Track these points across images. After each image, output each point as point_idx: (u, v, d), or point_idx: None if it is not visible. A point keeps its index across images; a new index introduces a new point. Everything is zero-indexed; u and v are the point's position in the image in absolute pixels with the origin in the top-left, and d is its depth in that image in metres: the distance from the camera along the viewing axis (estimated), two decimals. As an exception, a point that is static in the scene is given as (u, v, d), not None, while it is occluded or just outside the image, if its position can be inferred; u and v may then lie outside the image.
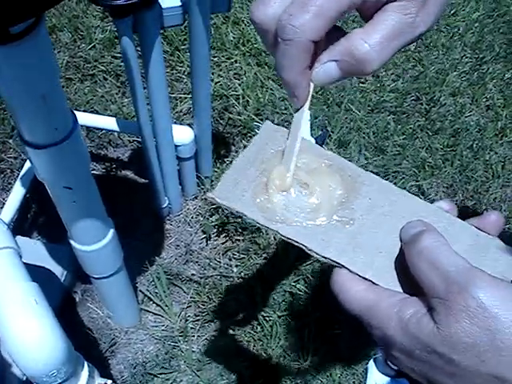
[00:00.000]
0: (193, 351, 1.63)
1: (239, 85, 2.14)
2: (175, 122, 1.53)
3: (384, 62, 0.44)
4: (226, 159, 1.96)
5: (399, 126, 2.14)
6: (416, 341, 0.40)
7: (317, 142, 1.71)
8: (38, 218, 1.83)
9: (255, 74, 2.18)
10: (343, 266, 0.45)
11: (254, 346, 1.65)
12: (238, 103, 2.08)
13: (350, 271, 0.45)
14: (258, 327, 1.67)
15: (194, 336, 1.66)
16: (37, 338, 0.98)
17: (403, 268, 0.43)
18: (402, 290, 0.44)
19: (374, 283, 0.44)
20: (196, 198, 1.88)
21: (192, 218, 1.86)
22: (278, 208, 0.47)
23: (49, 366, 1.01)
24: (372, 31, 0.43)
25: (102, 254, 1.25)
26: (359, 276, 0.44)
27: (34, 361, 0.99)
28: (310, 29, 0.42)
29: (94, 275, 1.35)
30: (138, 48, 1.28)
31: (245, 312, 1.70)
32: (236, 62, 2.21)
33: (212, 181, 1.88)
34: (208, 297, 1.71)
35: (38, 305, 1.01)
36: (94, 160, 1.94)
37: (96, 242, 1.22)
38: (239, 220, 1.77)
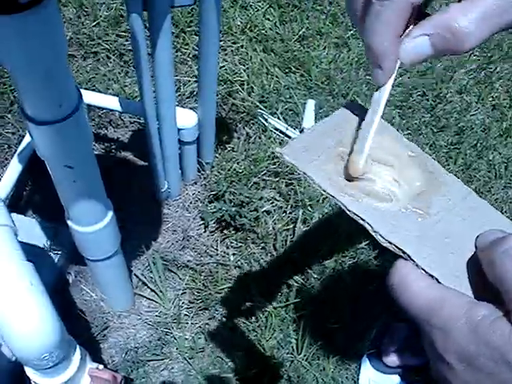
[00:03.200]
0: (186, 338, 1.61)
1: (244, 70, 2.11)
2: (177, 105, 1.49)
3: (482, 41, 0.40)
4: (227, 145, 1.92)
5: (404, 121, 2.11)
6: (485, 346, 0.35)
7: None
8: (34, 195, 1.79)
9: (261, 60, 2.15)
10: (409, 258, 0.41)
11: (248, 336, 1.62)
12: (243, 89, 2.05)
13: (417, 265, 0.41)
14: (253, 317, 1.65)
15: (187, 323, 1.63)
16: (30, 321, 0.96)
17: (475, 273, 0.40)
18: (472, 295, 0.39)
19: (439, 282, 0.40)
20: (195, 183, 1.85)
21: (190, 203, 1.83)
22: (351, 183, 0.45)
23: (41, 349, 0.99)
24: (473, 5, 0.39)
25: (99, 236, 1.22)
26: (424, 271, 0.40)
27: (26, 344, 0.97)
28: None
29: (90, 257, 1.32)
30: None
31: (240, 301, 1.67)
32: (242, 47, 2.18)
33: (213, 167, 1.85)
34: (203, 284, 1.68)
35: (32, 286, 0.98)
36: (94, 140, 1.90)
37: (94, 224, 1.19)
38: (238, 208, 1.75)
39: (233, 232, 1.77)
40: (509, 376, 0.34)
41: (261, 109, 2.00)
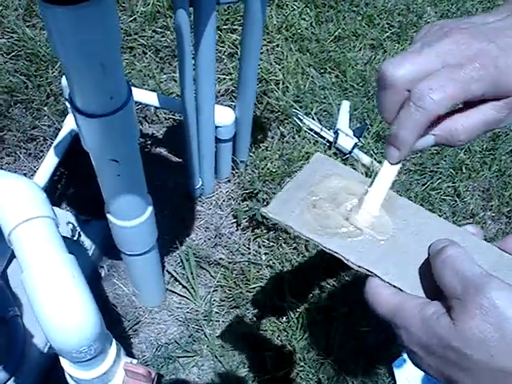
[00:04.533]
0: (216, 336, 1.61)
1: (279, 70, 2.10)
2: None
3: (470, 140, 0.52)
4: (261, 144, 1.92)
5: (439, 125, 2.09)
6: (434, 336, 0.44)
7: (355, 135, 1.67)
8: (69, 189, 1.80)
9: (296, 60, 2.14)
10: (376, 275, 0.51)
11: (279, 336, 1.62)
12: (278, 88, 2.04)
13: (381, 279, 0.51)
14: (284, 317, 1.64)
15: (218, 321, 1.63)
16: (72, 313, 0.95)
17: (427, 277, 0.49)
18: (425, 296, 0.49)
19: (401, 290, 0.50)
20: (229, 181, 1.85)
21: (224, 201, 1.83)
22: (324, 223, 0.55)
23: (81, 341, 0.98)
24: (469, 118, 0.51)
25: (138, 230, 1.22)
26: (389, 284, 0.50)
27: (66, 335, 0.97)
28: (442, 106, 0.49)
29: (127, 251, 1.32)
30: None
31: (271, 301, 1.67)
32: (278, 46, 2.17)
33: (247, 165, 1.85)
34: (235, 282, 1.68)
35: (75, 278, 0.98)
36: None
37: (135, 218, 1.19)
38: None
39: (265, 231, 1.76)
40: (454, 356, 0.43)
41: (295, 109, 1.99)
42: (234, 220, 1.80)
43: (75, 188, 1.79)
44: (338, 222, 0.54)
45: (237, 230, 1.79)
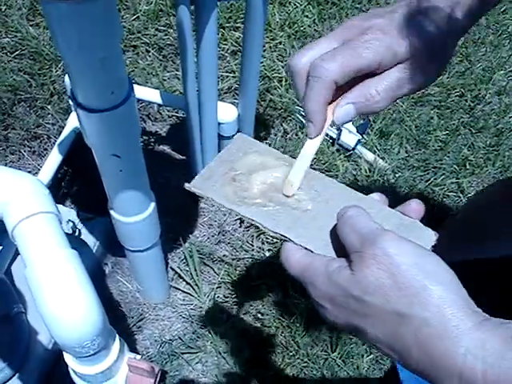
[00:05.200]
0: (220, 333, 1.61)
1: (282, 67, 2.10)
2: (217, 100, 1.50)
3: (389, 104, 0.60)
4: (264, 141, 1.92)
5: (442, 121, 2.09)
6: (338, 287, 0.50)
7: (358, 131, 1.68)
8: (72, 186, 1.81)
9: (299, 57, 2.14)
10: (290, 240, 0.56)
11: (282, 332, 1.62)
12: (281, 85, 2.04)
13: (295, 243, 0.55)
14: (288, 314, 1.64)
15: (222, 317, 1.63)
16: (75, 308, 0.96)
17: (335, 239, 0.54)
18: (335, 256, 0.54)
19: (312, 252, 0.55)
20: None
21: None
22: (242, 195, 0.60)
23: (84, 336, 0.99)
24: (380, 82, 0.59)
25: (141, 226, 1.23)
26: (302, 247, 0.55)
27: (69, 330, 0.97)
28: (334, 72, 0.57)
29: (130, 248, 1.33)
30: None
31: (275, 297, 1.67)
32: (280, 43, 2.17)
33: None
34: (238, 279, 1.68)
35: (78, 273, 0.98)
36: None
37: (137, 214, 1.19)
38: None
39: (268, 228, 1.76)
40: (356, 305, 0.49)
41: (298, 106, 1.99)
42: (238, 217, 1.80)
43: (79, 185, 1.80)
44: (254, 194, 0.59)
45: (240, 227, 1.79)
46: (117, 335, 1.17)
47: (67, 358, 1.11)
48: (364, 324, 0.49)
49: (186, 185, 0.59)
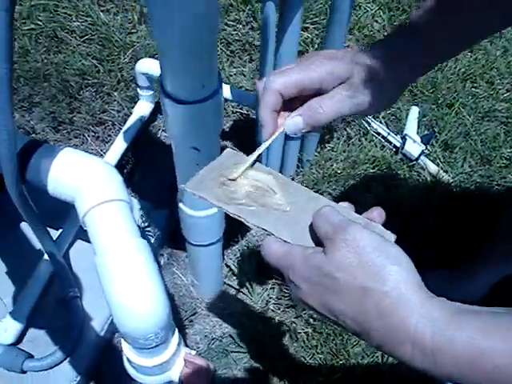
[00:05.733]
0: (270, 335, 1.59)
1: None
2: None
3: (332, 118, 0.70)
4: (327, 145, 1.90)
5: (509, 138, 2.04)
6: (313, 267, 0.58)
7: (422, 142, 1.64)
8: (133, 175, 1.81)
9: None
10: (272, 234, 0.63)
11: (334, 339, 1.60)
12: (347, 90, 2.01)
13: (275, 237, 0.63)
14: (340, 321, 1.61)
15: (273, 319, 1.62)
16: (144, 299, 0.95)
17: (311, 232, 0.63)
18: (313, 245, 0.62)
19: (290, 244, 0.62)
20: (293, 179, 1.83)
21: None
22: (231, 196, 0.68)
23: (149, 328, 0.98)
24: (324, 97, 0.69)
25: (209, 221, 1.22)
26: (281, 239, 0.63)
27: (136, 321, 0.96)
28: (279, 83, 0.69)
29: (194, 242, 1.32)
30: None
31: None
32: (349, 47, 2.14)
33: (311, 165, 1.83)
34: (293, 282, 1.66)
35: (149, 264, 0.98)
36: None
37: (207, 209, 1.18)
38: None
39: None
40: (328, 282, 0.57)
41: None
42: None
43: (141, 175, 1.80)
44: (242, 195, 0.67)
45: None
46: (176, 329, 1.16)
47: (125, 347, 1.10)
48: (334, 299, 0.57)
49: (181, 186, 0.68)
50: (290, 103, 0.71)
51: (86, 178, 1.08)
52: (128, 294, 0.94)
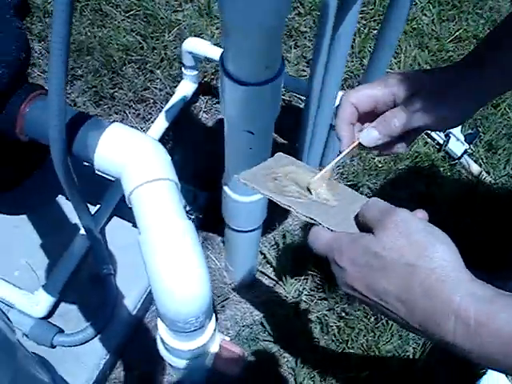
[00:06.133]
0: (301, 325, 1.57)
1: (396, 63, 2.04)
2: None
3: (406, 130, 0.70)
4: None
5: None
6: (360, 247, 0.59)
7: (466, 140, 1.59)
8: (173, 155, 1.77)
9: (414, 56, 2.07)
10: (319, 224, 0.65)
11: (365, 335, 1.57)
12: (393, 82, 1.98)
13: (323, 226, 0.65)
14: (373, 318, 1.59)
15: (306, 310, 1.59)
16: (188, 282, 0.93)
17: (357, 223, 0.64)
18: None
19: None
20: (333, 170, 1.80)
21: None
22: (282, 189, 0.70)
23: (191, 312, 0.96)
24: (399, 112, 0.70)
25: (253, 207, 1.19)
26: (328, 229, 0.64)
27: (179, 304, 0.94)
28: (352, 96, 0.72)
29: (235, 227, 1.30)
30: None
31: (362, 298, 1.62)
32: (397, 39, 2.10)
33: (353, 156, 1.80)
34: (327, 274, 1.63)
35: (194, 246, 0.95)
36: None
37: (251, 195, 1.16)
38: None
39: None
40: (374, 261, 0.58)
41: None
42: None
43: (178, 156, 1.77)
44: (292, 189, 0.71)
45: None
46: (213, 315, 1.14)
47: (161, 329, 1.09)
48: (380, 278, 0.57)
49: (236, 176, 0.71)
50: (367, 117, 0.74)
51: (134, 154, 1.06)
52: (173, 276, 0.92)
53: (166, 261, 0.92)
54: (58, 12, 0.81)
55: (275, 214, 1.71)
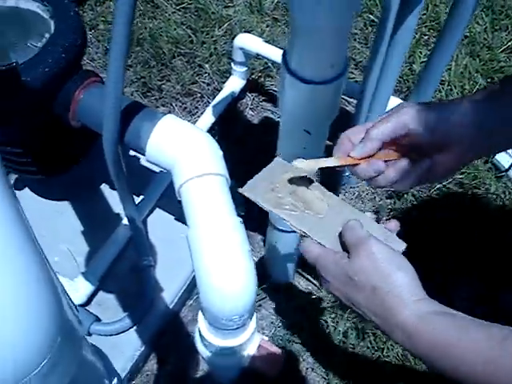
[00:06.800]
0: (338, 330, 1.55)
1: (446, 70, 2.01)
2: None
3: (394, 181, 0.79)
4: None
5: None
6: (340, 269, 0.72)
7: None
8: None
9: (465, 64, 2.04)
10: (310, 237, 0.77)
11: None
12: (442, 88, 1.95)
13: (312, 238, 0.77)
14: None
15: (342, 315, 1.57)
16: (236, 280, 0.92)
17: (340, 238, 0.76)
18: (340, 248, 0.76)
19: (324, 246, 0.76)
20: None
21: (367, 194, 1.77)
22: (278, 201, 0.79)
23: (236, 310, 0.95)
24: (389, 171, 0.78)
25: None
26: (316, 241, 0.76)
27: (225, 301, 0.93)
28: (378, 134, 0.77)
29: (280, 226, 1.29)
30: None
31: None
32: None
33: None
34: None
35: (243, 244, 0.94)
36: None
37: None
38: (416, 212, 1.67)
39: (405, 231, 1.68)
40: (349, 281, 0.71)
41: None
42: (374, 215, 1.73)
43: (223, 151, 1.76)
44: (287, 201, 0.79)
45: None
46: (255, 313, 1.13)
47: (202, 324, 1.08)
48: (352, 293, 0.71)
49: (240, 189, 0.79)
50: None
51: (187, 147, 1.05)
52: (221, 273, 0.91)
53: (215, 257, 0.91)
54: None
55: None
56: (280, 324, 1.56)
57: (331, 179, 1.74)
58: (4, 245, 0.57)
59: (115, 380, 1.27)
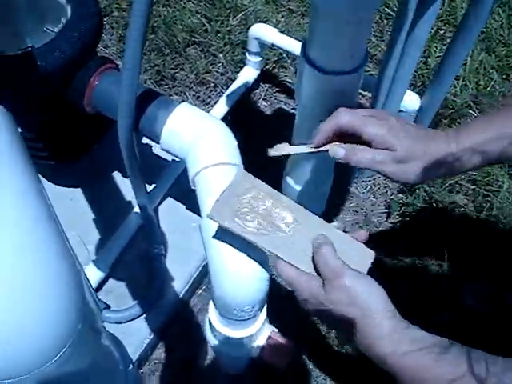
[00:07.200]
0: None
1: (462, 65, 1.99)
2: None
3: (366, 168, 0.83)
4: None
5: None
6: (314, 297, 0.76)
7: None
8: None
9: (481, 60, 2.02)
10: (281, 258, 0.79)
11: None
12: (457, 84, 1.94)
13: (284, 260, 0.79)
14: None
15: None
16: (251, 269, 0.91)
17: (313, 262, 0.79)
18: (314, 273, 0.79)
19: (296, 267, 0.79)
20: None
21: (379, 188, 1.76)
22: (245, 224, 0.80)
23: (249, 300, 0.94)
24: (369, 152, 0.81)
25: (311, 197, 1.17)
26: (289, 263, 0.79)
27: (239, 291, 0.92)
28: (344, 119, 0.81)
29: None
30: None
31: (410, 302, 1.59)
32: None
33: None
34: (379, 276, 1.60)
35: (258, 234, 0.94)
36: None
37: (315, 188, 1.14)
38: (427, 206, 1.66)
39: (415, 227, 1.68)
40: (325, 309, 0.75)
41: (471, 110, 1.88)
42: (386, 210, 1.73)
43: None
44: (254, 222, 0.80)
45: (386, 221, 1.71)
46: (265, 305, 1.12)
47: (212, 314, 1.07)
48: (326, 316, 0.77)
49: (208, 214, 0.80)
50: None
51: (203, 136, 1.05)
52: (235, 262, 0.90)
53: (227, 247, 0.91)
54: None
55: (327, 208, 1.69)
56: (291, 317, 1.55)
57: (345, 172, 1.73)
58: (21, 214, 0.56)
59: (130, 366, 1.27)
